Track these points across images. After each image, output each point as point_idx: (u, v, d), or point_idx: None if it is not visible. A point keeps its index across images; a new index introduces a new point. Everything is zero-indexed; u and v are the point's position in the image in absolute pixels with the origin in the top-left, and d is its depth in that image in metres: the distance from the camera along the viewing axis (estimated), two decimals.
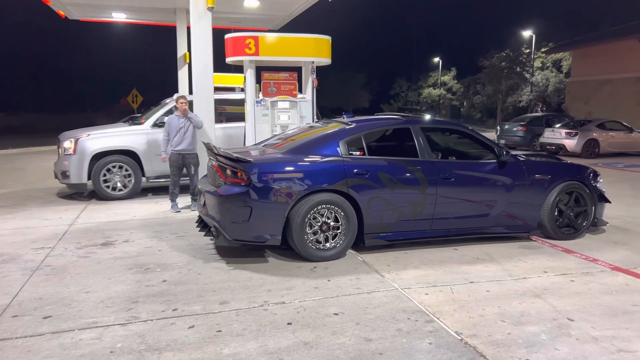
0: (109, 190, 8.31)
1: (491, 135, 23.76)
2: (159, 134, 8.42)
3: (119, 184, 8.38)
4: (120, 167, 8.35)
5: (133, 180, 8.42)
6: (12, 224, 6.69)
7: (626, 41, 21.88)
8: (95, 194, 8.50)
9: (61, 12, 15.53)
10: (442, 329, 3.43)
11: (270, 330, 3.42)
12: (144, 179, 8.65)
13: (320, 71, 8.78)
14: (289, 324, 3.51)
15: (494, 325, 3.50)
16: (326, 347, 3.17)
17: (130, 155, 8.41)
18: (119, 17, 16.23)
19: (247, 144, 8.27)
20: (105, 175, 8.27)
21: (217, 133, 8.80)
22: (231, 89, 14.37)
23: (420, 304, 3.86)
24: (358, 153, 5.18)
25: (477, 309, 3.77)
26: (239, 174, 4.74)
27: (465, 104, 48.31)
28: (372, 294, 4.07)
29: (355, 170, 4.95)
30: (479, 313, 3.70)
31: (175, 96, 9.19)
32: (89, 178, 8.26)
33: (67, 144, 8.26)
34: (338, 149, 5.06)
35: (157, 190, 9.19)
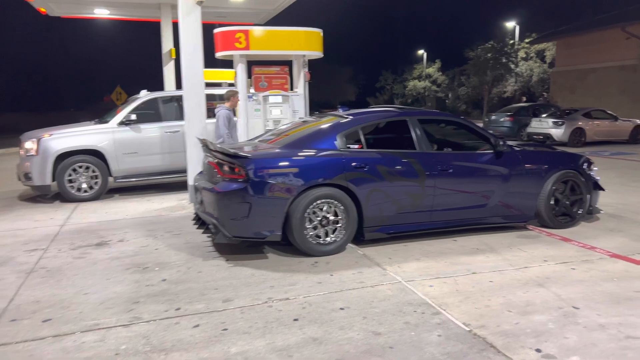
0: (74, 192, 8.05)
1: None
2: (127, 132, 8.33)
3: (84, 185, 8.12)
4: (87, 168, 8.10)
5: (100, 181, 8.19)
6: (1, 226, 6.54)
7: (609, 30, 22.08)
8: (60, 196, 8.21)
9: (42, 9, 15.22)
10: (450, 321, 3.42)
11: (277, 327, 3.37)
12: (111, 179, 8.42)
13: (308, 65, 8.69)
14: (295, 320, 3.47)
15: (501, 315, 3.50)
16: (335, 342, 3.14)
17: (96, 154, 8.16)
18: (102, 13, 15.95)
19: (240, 140, 8.18)
20: (70, 175, 8.02)
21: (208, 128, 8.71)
22: (217, 85, 14.25)
23: (425, 296, 3.85)
24: (356, 146, 5.14)
25: (482, 300, 3.77)
26: (236, 170, 4.68)
27: (450, 95, 48.51)
28: (376, 288, 4.04)
29: (353, 164, 4.91)
30: (484, 304, 3.70)
31: (141, 93, 9.05)
32: (53, 179, 8.00)
33: (29, 145, 7.99)
34: (335, 142, 5.01)
35: (124, 191, 9.02)
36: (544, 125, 16.71)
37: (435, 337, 3.18)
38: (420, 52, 53.36)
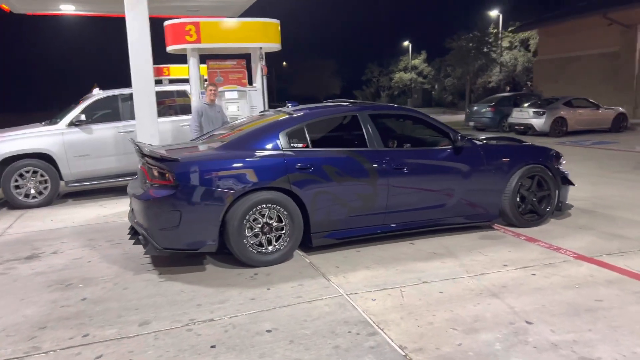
0: (21, 198, 7.57)
1: (461, 117, 23.56)
2: (77, 133, 7.86)
3: (33, 191, 7.63)
4: (35, 172, 7.62)
5: (49, 186, 7.70)
6: None
7: (591, 17, 21.75)
8: (8, 203, 7.70)
9: (5, 6, 14.59)
10: (385, 343, 3.03)
11: (189, 356, 2.97)
12: (62, 184, 7.95)
13: (289, 59, 8.32)
14: (212, 347, 3.07)
15: (444, 334, 3.11)
16: None
17: (44, 158, 7.68)
18: (68, 9, 15.31)
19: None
20: (17, 181, 7.54)
21: (165, 127, 8.28)
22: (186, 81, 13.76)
23: (365, 313, 3.46)
24: (301, 145, 4.73)
25: (426, 316, 3.38)
26: (166, 175, 4.26)
27: (436, 87, 48.17)
28: (313, 303, 3.65)
29: (297, 165, 4.50)
30: (428, 320, 3.31)
31: (94, 91, 8.63)
32: None
33: None
34: (278, 141, 4.60)
35: (79, 195, 8.56)
36: (525, 115, 16.38)
37: None
38: (406, 43, 52.93)
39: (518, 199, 5.37)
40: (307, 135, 4.75)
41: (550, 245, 4.82)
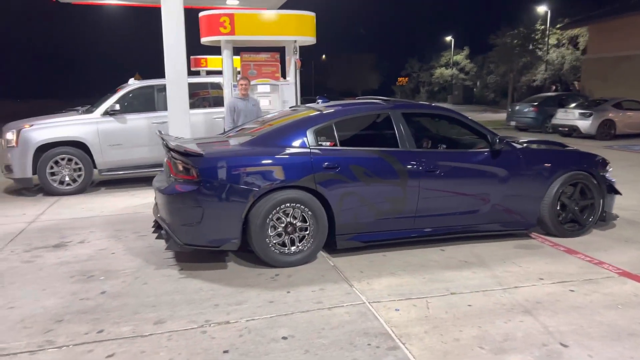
0: (56, 185, 7.70)
1: (502, 116, 22.84)
2: (111, 122, 7.95)
3: (67, 178, 7.76)
4: (69, 160, 7.75)
5: (83, 174, 7.82)
6: None
7: None
8: (43, 190, 7.83)
9: None
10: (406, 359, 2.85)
11: None
12: (96, 172, 8.07)
13: (328, 52, 8.17)
14: (225, 352, 2.96)
15: (470, 353, 2.91)
16: None
17: (79, 146, 7.80)
18: None
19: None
20: (52, 168, 7.68)
21: (198, 119, 8.28)
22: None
23: (387, 324, 3.28)
24: (329, 143, 4.57)
25: (452, 331, 3.18)
26: (190, 170, 4.18)
27: (478, 84, 46.94)
28: (333, 310, 3.50)
29: (324, 164, 4.34)
30: (454, 336, 3.11)
31: (130, 81, 8.69)
32: (34, 172, 7.67)
33: (10, 136, 7.65)
34: (305, 139, 4.45)
35: (112, 184, 8.64)
36: (570, 117, 15.68)
37: None
38: (448, 38, 51.80)
39: (558, 207, 5.06)
40: (335, 133, 4.58)
41: (592, 259, 4.50)
